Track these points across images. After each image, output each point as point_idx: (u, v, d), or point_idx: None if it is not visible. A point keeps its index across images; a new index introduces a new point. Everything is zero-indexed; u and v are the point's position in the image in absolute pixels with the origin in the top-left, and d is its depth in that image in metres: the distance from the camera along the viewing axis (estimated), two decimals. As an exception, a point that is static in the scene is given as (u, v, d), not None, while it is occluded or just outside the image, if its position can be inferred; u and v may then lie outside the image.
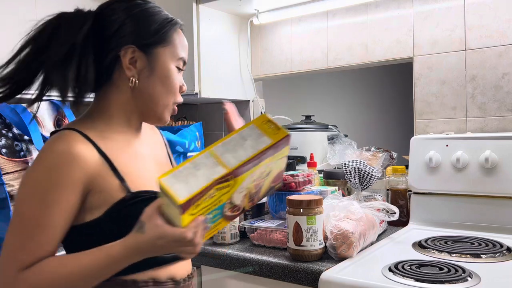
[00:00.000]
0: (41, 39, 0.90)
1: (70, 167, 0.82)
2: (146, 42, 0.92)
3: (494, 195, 1.41)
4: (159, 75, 0.94)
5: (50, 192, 0.81)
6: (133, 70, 0.92)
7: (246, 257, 1.24)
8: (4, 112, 1.34)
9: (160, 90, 0.94)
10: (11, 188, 1.29)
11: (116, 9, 0.92)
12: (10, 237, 0.82)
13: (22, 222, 0.82)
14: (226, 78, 2.01)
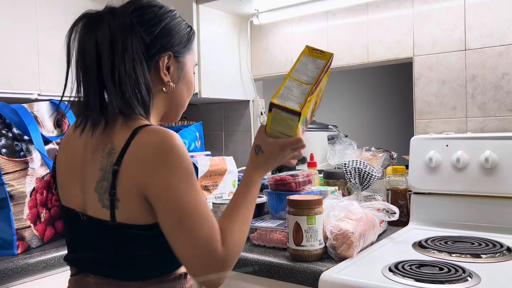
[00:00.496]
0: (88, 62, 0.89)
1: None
2: (179, 50, 0.98)
3: (494, 195, 1.41)
4: (186, 81, 1.01)
5: (194, 179, 0.87)
6: (168, 76, 0.96)
7: (246, 257, 1.24)
8: (4, 112, 1.34)
9: (186, 94, 1.03)
10: (11, 188, 1.29)
11: (151, 13, 0.94)
12: (200, 230, 0.83)
13: (198, 213, 0.84)
14: (226, 78, 2.01)
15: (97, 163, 0.88)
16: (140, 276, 0.90)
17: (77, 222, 0.92)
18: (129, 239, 0.87)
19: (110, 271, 0.90)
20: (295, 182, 1.40)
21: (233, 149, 2.20)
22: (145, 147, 0.84)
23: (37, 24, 1.64)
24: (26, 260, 1.26)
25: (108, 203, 0.85)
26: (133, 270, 0.89)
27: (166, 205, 0.83)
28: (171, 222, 0.84)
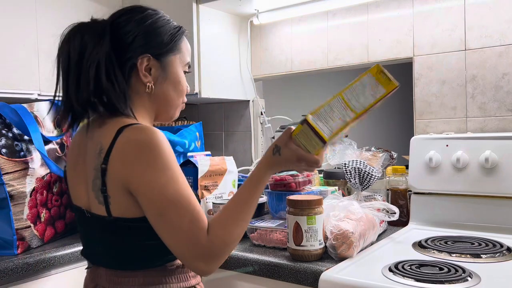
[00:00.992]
0: (71, 65, 0.96)
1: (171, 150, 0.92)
2: (160, 52, 1.01)
3: (494, 195, 1.41)
4: (171, 81, 1.04)
5: (178, 172, 0.90)
6: (149, 77, 1.00)
7: (246, 257, 1.24)
8: (4, 112, 1.34)
9: (173, 94, 1.05)
10: (11, 188, 1.29)
11: (130, 20, 0.99)
12: (181, 220, 0.87)
13: (179, 203, 0.87)
14: (226, 78, 2.01)
15: (91, 163, 0.94)
16: (143, 266, 0.95)
17: (84, 219, 0.99)
18: (127, 231, 0.92)
19: (115, 262, 0.97)
20: (295, 182, 1.40)
21: (233, 149, 2.20)
22: (126, 144, 0.89)
23: (37, 24, 1.64)
24: (26, 260, 1.26)
25: (103, 200, 0.92)
26: (136, 261, 0.95)
27: (146, 199, 0.88)
28: (153, 215, 0.88)
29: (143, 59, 0.98)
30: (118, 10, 1.03)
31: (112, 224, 0.92)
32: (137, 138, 0.89)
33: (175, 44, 1.04)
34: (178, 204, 0.87)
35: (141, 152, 0.88)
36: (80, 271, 1.38)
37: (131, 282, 0.95)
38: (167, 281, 0.97)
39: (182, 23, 1.95)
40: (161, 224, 0.88)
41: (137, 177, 0.88)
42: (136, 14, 1.00)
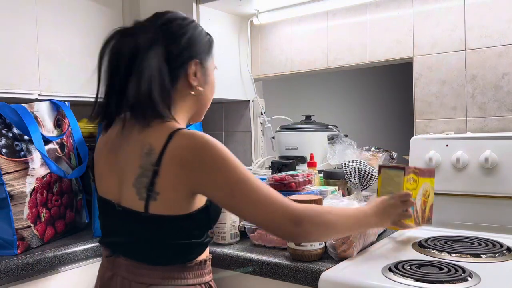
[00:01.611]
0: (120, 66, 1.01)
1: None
2: (203, 57, 1.09)
3: (494, 195, 1.41)
4: (210, 84, 1.13)
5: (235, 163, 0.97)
6: (196, 80, 1.07)
7: (246, 257, 1.24)
8: (4, 112, 1.34)
9: (210, 96, 1.15)
10: (11, 188, 1.29)
11: (179, 26, 1.07)
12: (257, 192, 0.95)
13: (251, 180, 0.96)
14: (226, 78, 2.01)
15: (136, 161, 0.99)
16: (165, 262, 1.02)
17: (112, 211, 1.04)
18: (159, 228, 0.99)
19: (139, 255, 1.03)
20: (295, 182, 1.40)
21: (233, 149, 2.19)
22: (184, 150, 0.96)
23: (37, 24, 1.64)
24: (26, 260, 1.26)
25: (145, 196, 0.97)
26: (161, 257, 1.02)
27: (224, 198, 0.97)
28: (238, 205, 0.97)
29: (191, 64, 1.05)
30: (157, 13, 1.09)
31: (146, 220, 0.98)
32: (194, 145, 0.96)
33: (211, 50, 1.13)
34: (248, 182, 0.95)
35: (203, 159, 0.95)
36: (81, 271, 1.38)
37: (152, 275, 1.01)
38: (185, 276, 1.03)
39: (182, 23, 1.94)
40: (248, 208, 0.96)
41: (209, 182, 0.96)
42: (181, 20, 1.08)
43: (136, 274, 1.02)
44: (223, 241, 1.37)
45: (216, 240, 1.38)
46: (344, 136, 1.83)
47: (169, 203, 0.97)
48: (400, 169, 1.19)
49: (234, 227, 1.38)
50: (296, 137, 1.89)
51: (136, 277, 1.02)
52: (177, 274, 1.02)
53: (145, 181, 0.97)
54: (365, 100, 3.80)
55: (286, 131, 1.94)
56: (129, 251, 1.04)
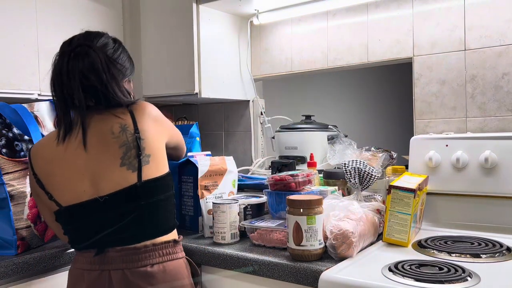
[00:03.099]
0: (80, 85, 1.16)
1: None
2: (131, 74, 1.30)
3: (494, 195, 1.41)
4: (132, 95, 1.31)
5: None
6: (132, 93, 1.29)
7: (246, 257, 1.24)
8: (4, 112, 1.34)
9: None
10: (11, 188, 1.29)
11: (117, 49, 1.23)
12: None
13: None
14: (226, 78, 2.01)
15: (112, 148, 1.12)
16: (161, 231, 1.15)
17: (92, 209, 1.11)
18: (151, 195, 1.12)
19: (133, 237, 1.11)
20: (295, 182, 1.40)
21: (233, 149, 2.21)
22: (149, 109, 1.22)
23: (37, 24, 1.64)
24: (26, 260, 1.26)
25: (137, 164, 1.10)
26: (155, 226, 1.14)
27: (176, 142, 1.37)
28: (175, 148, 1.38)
29: (125, 81, 1.26)
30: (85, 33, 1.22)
31: (141, 190, 1.10)
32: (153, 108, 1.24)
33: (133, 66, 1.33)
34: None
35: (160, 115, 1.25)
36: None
37: (150, 256, 1.10)
38: (177, 251, 1.18)
39: (182, 23, 1.97)
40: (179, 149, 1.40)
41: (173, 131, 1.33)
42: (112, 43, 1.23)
43: (135, 260, 1.08)
44: (223, 241, 1.37)
45: (216, 240, 1.38)
46: (344, 136, 1.83)
47: (158, 161, 1.15)
48: (410, 191, 1.26)
49: (234, 227, 1.38)
50: (296, 137, 1.89)
51: (135, 263, 1.08)
52: (172, 249, 1.16)
53: (133, 152, 1.11)
54: (365, 100, 3.80)
55: (286, 131, 1.94)
56: (122, 239, 1.10)
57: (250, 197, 1.55)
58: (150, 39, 2.01)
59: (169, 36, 1.94)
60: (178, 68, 1.92)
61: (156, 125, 1.20)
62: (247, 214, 1.47)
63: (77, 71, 1.11)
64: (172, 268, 1.14)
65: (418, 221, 1.39)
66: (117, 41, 1.27)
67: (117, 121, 1.14)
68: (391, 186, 1.28)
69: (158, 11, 1.98)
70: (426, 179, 1.46)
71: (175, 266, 1.16)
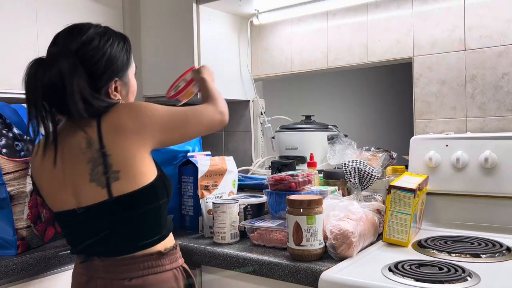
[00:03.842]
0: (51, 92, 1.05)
1: None
2: (122, 73, 1.15)
3: (494, 195, 1.41)
4: (132, 90, 1.21)
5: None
6: (118, 95, 1.15)
7: (246, 257, 1.24)
8: (4, 112, 1.34)
9: (133, 98, 1.22)
10: (11, 188, 1.29)
11: (100, 48, 1.10)
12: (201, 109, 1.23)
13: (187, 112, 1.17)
14: (226, 78, 2.01)
15: (81, 163, 1.05)
16: (140, 245, 1.07)
17: (75, 217, 1.07)
18: (127, 210, 1.04)
19: (113, 250, 1.06)
20: (295, 182, 1.40)
21: (233, 149, 2.21)
22: (122, 123, 1.05)
23: (38, 24, 1.64)
24: (26, 260, 1.26)
25: (105, 181, 1.03)
26: (133, 240, 1.07)
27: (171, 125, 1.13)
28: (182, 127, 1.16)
29: (112, 83, 1.13)
30: (72, 30, 1.10)
31: (113, 206, 1.03)
32: (136, 105, 1.10)
33: (130, 59, 1.19)
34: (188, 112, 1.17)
35: (145, 106, 1.10)
36: (80, 271, 1.38)
37: (131, 269, 1.05)
38: (162, 263, 1.09)
39: (182, 23, 1.96)
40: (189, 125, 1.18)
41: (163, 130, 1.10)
42: (98, 42, 1.10)
43: (115, 272, 1.05)
44: (223, 241, 1.37)
45: (216, 240, 1.38)
46: (344, 136, 1.83)
47: (132, 175, 1.04)
48: (410, 191, 1.26)
49: (234, 227, 1.38)
50: (296, 137, 1.89)
51: (116, 274, 1.05)
52: (155, 262, 1.08)
53: (100, 169, 1.03)
54: (365, 100, 3.80)
55: (286, 131, 1.94)
56: (103, 250, 1.07)
57: (250, 197, 1.55)
58: (150, 39, 2.01)
59: (169, 36, 1.94)
60: (178, 68, 1.91)
61: (130, 136, 1.05)
62: (247, 214, 1.47)
63: (42, 81, 1.02)
64: (153, 282, 1.07)
65: (418, 221, 1.39)
66: (107, 33, 1.13)
67: (83, 136, 1.05)
68: (391, 186, 1.28)
69: (158, 11, 1.98)
70: (426, 179, 1.46)
71: (157, 280, 1.08)
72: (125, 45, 1.18)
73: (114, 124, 1.05)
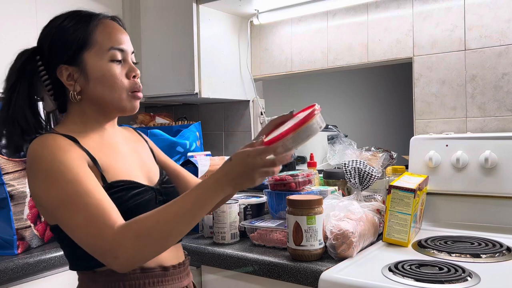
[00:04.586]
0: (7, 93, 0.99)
1: (65, 149, 0.89)
2: (69, 56, 0.96)
3: (494, 195, 1.41)
4: (94, 78, 0.96)
5: (65, 170, 0.86)
6: (74, 84, 0.96)
7: (246, 257, 1.24)
8: (4, 112, 1.34)
9: (103, 89, 0.97)
10: (11, 188, 1.29)
11: (44, 32, 1.00)
12: (74, 220, 0.84)
13: (69, 205, 0.85)
14: (226, 78, 2.01)
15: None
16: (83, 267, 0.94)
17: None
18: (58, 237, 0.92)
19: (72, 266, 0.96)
20: (295, 182, 1.40)
21: (233, 149, 2.20)
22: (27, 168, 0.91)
23: (38, 24, 1.64)
24: (26, 260, 1.26)
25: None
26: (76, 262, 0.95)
27: (41, 210, 0.92)
28: (53, 221, 0.91)
29: (60, 71, 0.96)
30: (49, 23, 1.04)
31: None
32: (28, 153, 0.90)
33: (84, 40, 0.96)
34: (66, 206, 0.85)
35: (28, 165, 0.90)
36: (80, 271, 1.38)
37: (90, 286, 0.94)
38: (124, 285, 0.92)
39: (182, 23, 1.96)
40: (62, 227, 0.87)
41: (31, 191, 0.91)
42: (50, 24, 1.01)
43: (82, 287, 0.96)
44: (223, 241, 1.37)
45: (216, 240, 1.38)
46: (344, 136, 1.83)
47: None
48: (410, 191, 1.26)
49: (234, 227, 1.38)
50: (296, 137, 1.89)
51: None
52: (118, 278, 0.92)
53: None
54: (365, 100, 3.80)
55: (286, 131, 1.93)
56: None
57: (250, 197, 1.55)
58: (150, 39, 2.01)
59: (169, 36, 1.94)
60: (178, 68, 1.92)
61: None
62: (247, 214, 1.47)
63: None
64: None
65: (418, 221, 1.39)
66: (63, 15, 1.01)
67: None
68: (391, 186, 1.28)
69: (158, 11, 1.98)
70: (426, 179, 1.46)
71: None
72: (85, 23, 0.98)
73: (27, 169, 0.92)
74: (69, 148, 0.89)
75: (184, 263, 1.02)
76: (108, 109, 0.99)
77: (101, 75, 0.96)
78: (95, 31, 0.97)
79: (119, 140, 1.05)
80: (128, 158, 1.03)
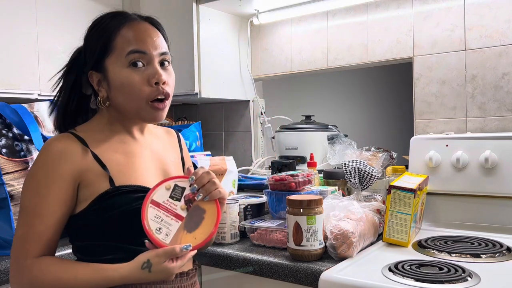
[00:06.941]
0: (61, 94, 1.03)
1: (59, 161, 0.91)
2: (94, 61, 0.96)
3: (494, 195, 1.41)
4: (114, 85, 0.95)
5: (43, 185, 0.91)
6: (103, 90, 0.98)
7: (246, 257, 1.24)
8: (4, 112, 1.34)
9: (122, 98, 0.96)
10: (11, 188, 1.29)
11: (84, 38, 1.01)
12: (17, 229, 0.92)
13: (24, 214, 0.91)
14: (226, 78, 2.01)
15: None
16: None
17: None
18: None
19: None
20: (295, 182, 1.40)
21: (233, 149, 2.21)
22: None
23: (37, 24, 1.64)
24: (26, 260, 1.25)
25: None
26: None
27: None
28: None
29: (91, 76, 0.98)
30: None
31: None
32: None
33: (106, 45, 0.94)
34: (24, 213, 0.91)
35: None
36: (80, 271, 1.38)
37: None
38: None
39: (182, 23, 1.96)
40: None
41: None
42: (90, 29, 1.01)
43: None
44: (223, 241, 1.37)
45: (216, 240, 1.38)
46: (344, 136, 1.83)
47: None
48: (410, 191, 1.26)
49: (234, 227, 1.38)
50: (296, 137, 1.89)
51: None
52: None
53: None
54: (365, 100, 3.79)
55: (286, 131, 1.94)
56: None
57: (250, 197, 1.55)
58: (150, 39, 2.01)
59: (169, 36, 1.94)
60: (178, 68, 1.90)
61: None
62: (247, 214, 1.47)
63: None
64: None
65: (418, 221, 1.39)
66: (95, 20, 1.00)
67: None
68: (391, 186, 1.28)
69: (158, 11, 1.97)
70: (426, 179, 1.46)
71: None
72: (99, 29, 0.96)
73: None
74: (64, 161, 0.91)
75: (188, 273, 1.00)
76: (131, 116, 0.99)
77: (120, 84, 0.94)
78: (117, 35, 0.95)
79: (143, 143, 1.04)
80: (147, 163, 1.02)
